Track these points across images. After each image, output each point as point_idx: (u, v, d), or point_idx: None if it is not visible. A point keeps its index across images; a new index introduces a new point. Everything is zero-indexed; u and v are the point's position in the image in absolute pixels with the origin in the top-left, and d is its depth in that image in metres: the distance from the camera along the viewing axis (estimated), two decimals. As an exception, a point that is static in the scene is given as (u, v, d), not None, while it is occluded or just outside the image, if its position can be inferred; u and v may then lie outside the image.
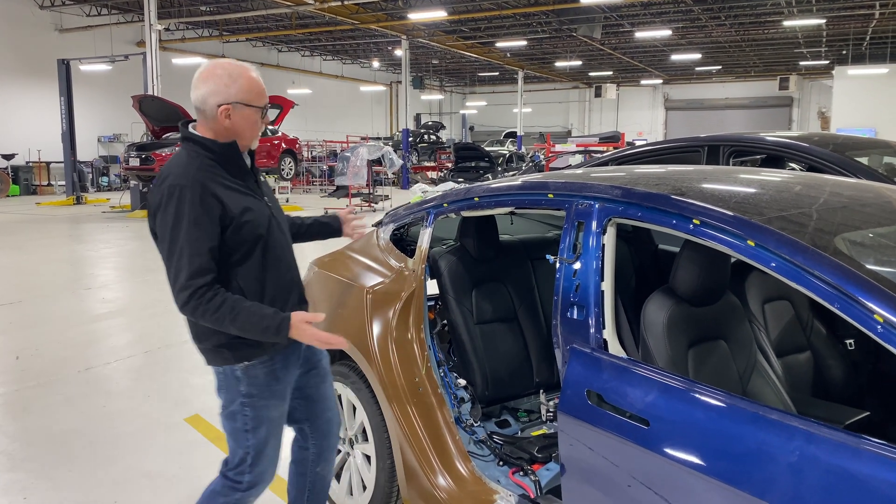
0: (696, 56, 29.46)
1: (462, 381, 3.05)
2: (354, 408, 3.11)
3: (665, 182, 2.29)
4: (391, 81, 38.64)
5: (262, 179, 2.48)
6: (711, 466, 1.77)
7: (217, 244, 2.22)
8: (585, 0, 18.96)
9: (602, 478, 2.07)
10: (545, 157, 17.91)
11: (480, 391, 3.10)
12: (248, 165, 2.40)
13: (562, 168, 16.50)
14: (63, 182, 20.97)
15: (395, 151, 22.76)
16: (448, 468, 2.70)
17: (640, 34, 23.92)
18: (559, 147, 16.80)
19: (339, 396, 3.21)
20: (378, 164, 21.36)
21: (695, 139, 4.84)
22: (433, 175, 26.32)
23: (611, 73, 36.80)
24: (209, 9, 22.87)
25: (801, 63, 32.42)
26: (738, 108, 37.71)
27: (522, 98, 35.00)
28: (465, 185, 3.13)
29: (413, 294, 2.99)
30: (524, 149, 31.15)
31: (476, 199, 2.85)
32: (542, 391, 2.49)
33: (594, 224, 2.30)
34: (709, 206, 2.01)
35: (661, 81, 38.51)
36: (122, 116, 23.68)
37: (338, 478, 3.29)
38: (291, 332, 2.24)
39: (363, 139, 26.98)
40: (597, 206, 2.32)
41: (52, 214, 16.90)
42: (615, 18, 22.76)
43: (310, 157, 28.14)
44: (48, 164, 22.76)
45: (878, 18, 22.09)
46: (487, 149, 25.56)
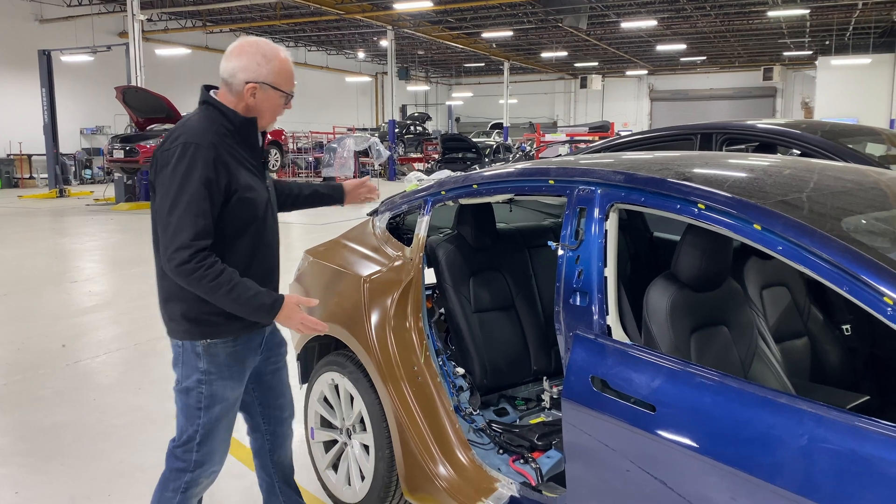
0: (682, 47, 29.54)
1: (460, 370, 3.03)
2: (352, 397, 3.09)
3: (667, 167, 2.27)
4: (377, 72, 38.47)
5: (264, 160, 2.49)
6: (719, 451, 1.77)
7: (218, 212, 2.19)
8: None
9: (607, 464, 2.06)
10: (534, 147, 17.84)
11: (479, 380, 3.08)
12: (259, 145, 2.39)
13: (551, 157, 16.52)
14: (45, 175, 20.71)
15: (382, 142, 22.69)
16: (448, 457, 2.69)
17: (626, 24, 23.92)
18: (549, 137, 16.76)
19: (336, 386, 3.18)
20: (365, 156, 21.29)
21: (687, 127, 4.84)
22: (419, 166, 26.24)
23: (596, 64, 36.83)
24: (192, -1, 22.65)
25: (785, 53, 32.59)
26: (723, 99, 37.89)
27: (508, 89, 34.96)
28: (463, 173, 3.10)
29: (411, 283, 2.96)
30: (510, 140, 31.14)
31: (475, 187, 2.82)
32: (546, 378, 2.47)
33: (596, 210, 2.28)
34: (714, 190, 2.00)
35: (647, 72, 38.61)
36: (106, 108, 23.44)
37: (335, 468, 3.28)
38: (282, 313, 2.23)
39: (350, 130, 26.87)
40: (599, 192, 2.30)
41: (35, 207, 16.70)
42: (601, 9, 22.75)
43: (295, 149, 27.98)
44: (30, 157, 22.47)
45: (862, 9, 22.23)
46: (474, 140, 25.53)
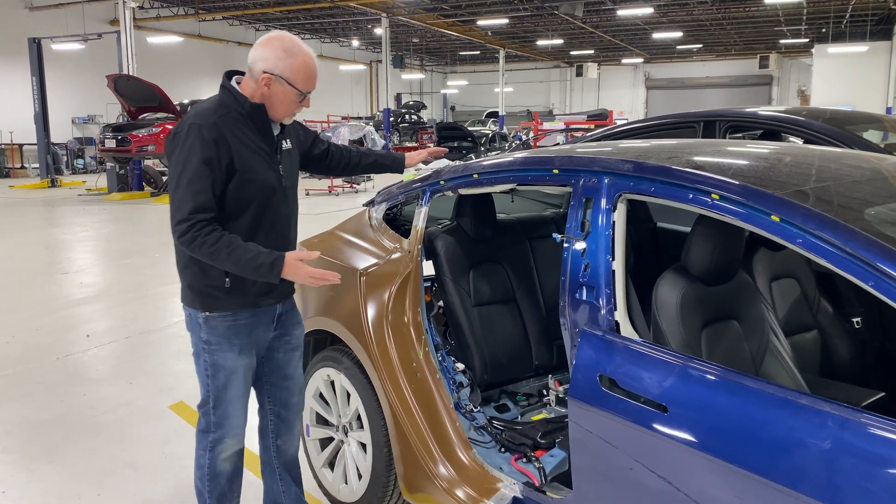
0: (678, 34, 29.36)
1: (460, 366, 2.94)
2: (348, 394, 3.00)
3: (678, 155, 2.18)
4: (371, 61, 38.19)
5: (286, 147, 2.52)
6: (735, 454, 1.68)
7: (220, 189, 2.29)
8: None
9: (615, 466, 1.97)
10: (533, 136, 17.59)
11: (479, 375, 2.99)
12: (275, 132, 2.46)
13: (550, 146, 16.35)
14: (37, 165, 20.49)
15: (377, 131, 22.51)
16: (449, 456, 2.60)
17: (622, 12, 23.74)
18: (547, 125, 16.60)
19: (332, 382, 3.09)
20: (360, 144, 21.12)
21: (690, 114, 4.74)
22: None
23: (592, 52, 36.62)
24: (184, -14, 22.38)
25: (782, 41, 32.43)
26: (719, 87, 37.73)
27: (504, 77, 34.75)
28: (462, 162, 3.00)
29: (409, 276, 2.87)
30: (506, 128, 30.98)
31: (475, 176, 2.72)
32: (551, 376, 2.39)
33: (603, 200, 2.19)
34: (729, 180, 1.90)
35: (643, 60, 38.42)
36: (97, 97, 23.17)
37: (331, 466, 3.19)
38: (285, 270, 2.26)
39: (344, 119, 26.67)
40: (606, 182, 2.20)
41: (26, 198, 16.52)
42: (597, -4, 22.58)
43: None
44: (21, 147, 22.23)
45: (859, -4, 22.10)
46: (470, 129, 25.36)
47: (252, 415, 2.68)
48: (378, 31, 27.19)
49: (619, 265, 2.13)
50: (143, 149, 15.69)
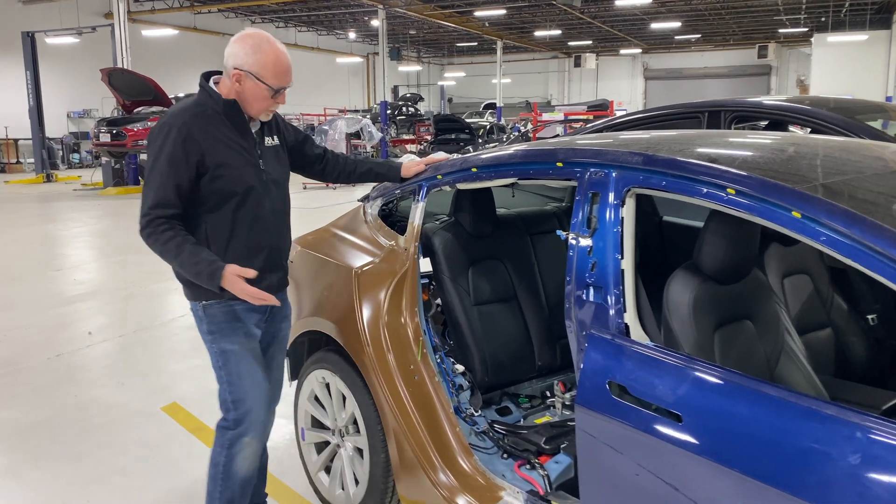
0: (676, 24, 29.15)
1: (459, 367, 2.82)
2: (344, 397, 2.89)
3: (689, 147, 2.06)
4: (368, 53, 37.94)
5: (270, 144, 2.53)
6: (757, 468, 1.57)
7: (187, 185, 2.32)
8: (566, -33, 18.56)
9: (625, 477, 1.86)
10: (532, 127, 17.36)
11: (479, 377, 2.88)
12: (253, 128, 2.46)
13: (549, 138, 16.10)
14: (32, 159, 20.34)
15: (374, 124, 22.36)
16: (449, 463, 2.49)
17: (620, 2, 23.54)
18: (546, 116, 16.41)
19: (328, 385, 2.98)
20: (356, 138, 20.97)
21: (694, 104, 4.61)
22: (412, 148, 25.90)
23: (590, 43, 36.39)
24: (179, -22, 22.17)
25: (780, 31, 32.22)
26: (717, 77, 37.51)
27: (501, 69, 34.53)
28: (460, 156, 2.88)
29: (406, 274, 2.75)
30: (504, 120, 30.78)
31: (474, 170, 2.60)
32: (556, 379, 2.28)
33: (611, 195, 2.07)
34: (746, 173, 1.78)
35: (641, 51, 38.19)
36: (92, 91, 22.96)
37: (328, 471, 3.08)
38: (223, 283, 2.27)
39: (341, 112, 26.48)
40: (614, 175, 2.09)
41: (22, 193, 16.38)
42: (595, -14, 22.38)
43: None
44: (16, 141, 22.09)
45: (859, -16, 21.92)
46: (467, 120, 25.18)
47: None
48: (375, 23, 26.96)
49: (629, 264, 2.01)
50: (139, 143, 15.54)
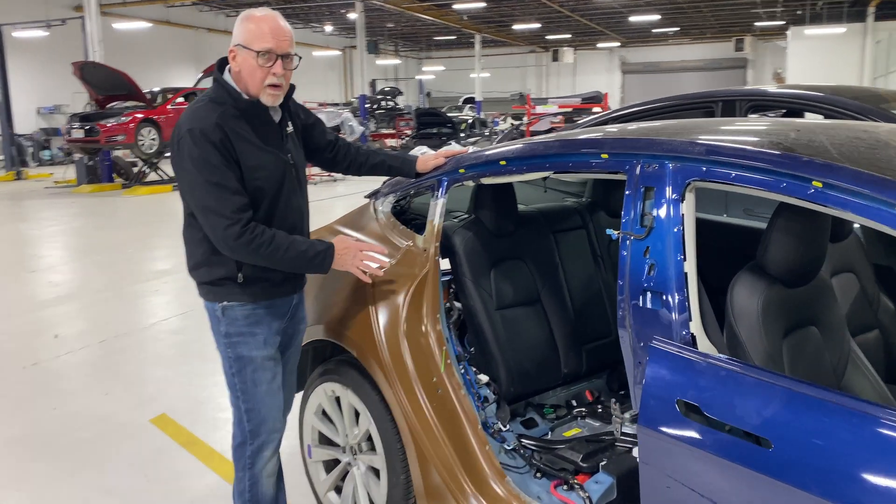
0: (655, 17, 29.10)
1: (483, 378, 2.60)
2: (357, 413, 2.65)
3: (757, 136, 1.85)
4: (345, 46, 37.47)
5: (289, 131, 2.36)
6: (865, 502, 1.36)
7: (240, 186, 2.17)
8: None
9: (697, 509, 1.65)
10: (527, 121, 16.92)
11: (505, 388, 2.66)
12: (276, 120, 2.30)
13: (543, 132, 15.80)
14: (1, 156, 19.74)
15: (354, 117, 22.01)
16: (481, 488, 2.26)
17: (601, -5, 23.42)
18: (540, 108, 16.15)
19: (338, 399, 2.74)
20: (336, 131, 20.60)
21: (707, 94, 4.41)
22: (392, 143, 25.56)
23: (569, 37, 36.28)
24: (151, -30, 21.62)
25: (757, 24, 32.34)
26: (694, 71, 37.59)
27: (480, 63, 34.27)
28: (482, 147, 2.65)
29: (426, 278, 2.51)
30: (482, 114, 30.55)
31: (503, 163, 2.38)
32: (615, 401, 2.06)
33: (669, 189, 1.86)
34: (839, 164, 1.57)
35: (618, 45, 38.17)
36: (63, 86, 22.32)
37: (338, 491, 2.85)
38: (339, 260, 2.26)
39: (321, 105, 26.04)
40: (671, 168, 1.87)
41: (-9, 191, 15.87)
42: (575, -22, 22.21)
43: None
44: (-16, 139, 21.44)
45: (837, -23, 21.96)
46: (448, 115, 24.91)
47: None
48: (352, 16, 26.57)
49: (692, 266, 1.80)
50: (113, 139, 15.08)
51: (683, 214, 1.83)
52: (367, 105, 25.90)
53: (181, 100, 16.64)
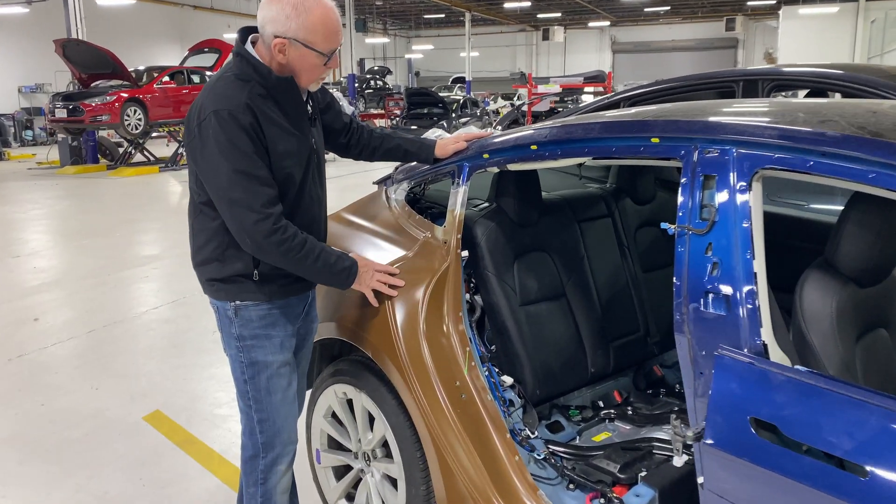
0: (648, -5, 28.85)
1: (508, 380, 2.40)
2: (371, 417, 2.45)
3: (832, 117, 1.64)
4: (332, 25, 36.97)
5: (311, 115, 2.14)
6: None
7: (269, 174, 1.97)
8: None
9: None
10: (527, 101, 16.54)
11: (531, 390, 2.47)
12: (304, 99, 2.08)
13: (544, 113, 15.39)
14: (-18, 137, 19.32)
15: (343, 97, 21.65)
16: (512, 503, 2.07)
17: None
18: (542, 88, 15.83)
19: (350, 401, 2.54)
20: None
21: (727, 73, 4.21)
22: (381, 122, 25.17)
23: (559, 15, 35.90)
24: (135, -55, 21.07)
25: (748, 3, 32.10)
26: (685, 51, 37.40)
27: (470, 42, 33.85)
28: (506, 130, 2.44)
29: (447, 272, 2.31)
30: (472, 94, 30.19)
31: (534, 148, 2.17)
32: (674, 414, 1.87)
33: (733, 178, 1.65)
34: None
35: (609, 24, 37.85)
36: (45, 64, 21.84)
37: (349, 498, 2.66)
38: (358, 279, 2.14)
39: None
40: (735, 154, 1.67)
41: (-28, 173, 15.47)
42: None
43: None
44: (-36, 119, 20.96)
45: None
46: (439, 95, 24.53)
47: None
48: (341, -7, 26.12)
49: (761, 266, 1.61)
50: (97, 118, 14.72)
51: (751, 207, 1.63)
52: (357, 85, 25.50)
53: (167, 79, 16.26)
